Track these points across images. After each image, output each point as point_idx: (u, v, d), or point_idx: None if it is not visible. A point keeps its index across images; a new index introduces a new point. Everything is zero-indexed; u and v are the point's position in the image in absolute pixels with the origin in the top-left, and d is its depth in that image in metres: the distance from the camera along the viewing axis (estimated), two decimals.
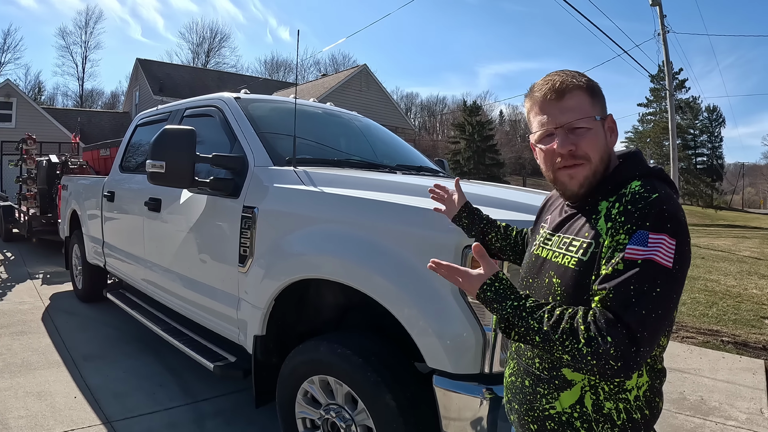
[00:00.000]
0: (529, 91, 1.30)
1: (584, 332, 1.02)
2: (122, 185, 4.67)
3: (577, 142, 1.20)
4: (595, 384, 1.16)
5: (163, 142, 2.83)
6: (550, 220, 1.38)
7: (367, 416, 2.15)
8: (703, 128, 52.10)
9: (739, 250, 13.46)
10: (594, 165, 1.21)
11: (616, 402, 1.16)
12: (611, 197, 1.18)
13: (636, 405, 1.17)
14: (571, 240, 1.21)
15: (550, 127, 1.23)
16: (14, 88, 24.80)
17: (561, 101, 1.22)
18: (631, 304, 1.01)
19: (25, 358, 4.17)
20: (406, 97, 71.73)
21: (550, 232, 1.32)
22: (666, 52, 19.43)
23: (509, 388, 1.32)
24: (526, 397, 1.25)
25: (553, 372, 1.20)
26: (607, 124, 1.26)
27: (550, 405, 1.21)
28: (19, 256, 9.44)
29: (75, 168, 8.52)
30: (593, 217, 1.19)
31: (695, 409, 3.64)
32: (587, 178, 1.22)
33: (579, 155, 1.21)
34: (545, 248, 1.30)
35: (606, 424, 1.16)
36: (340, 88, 27.29)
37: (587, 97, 1.23)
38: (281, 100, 4.08)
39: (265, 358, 2.69)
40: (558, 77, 1.24)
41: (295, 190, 2.65)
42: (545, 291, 1.23)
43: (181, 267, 3.49)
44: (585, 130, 1.21)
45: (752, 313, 6.41)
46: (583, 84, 1.24)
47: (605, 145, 1.24)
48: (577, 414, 1.18)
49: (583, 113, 1.21)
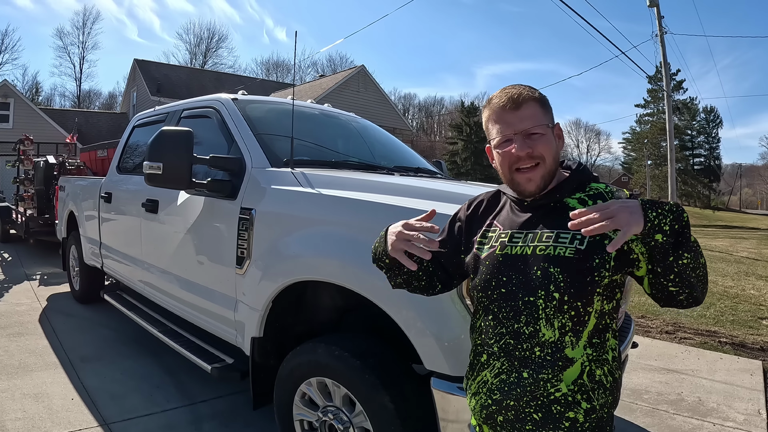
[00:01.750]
0: (487, 102, 1.45)
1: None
2: (119, 186, 4.66)
3: (534, 146, 1.35)
4: (590, 357, 1.30)
5: (161, 144, 2.83)
6: (502, 222, 1.45)
7: (365, 418, 2.15)
8: (700, 129, 52.32)
9: (736, 251, 13.49)
10: (548, 165, 1.37)
11: (602, 366, 1.31)
12: (575, 195, 1.39)
13: (614, 365, 1.34)
14: (557, 233, 1.32)
15: (509, 132, 1.37)
16: (12, 88, 24.77)
17: (518, 111, 1.37)
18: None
19: (22, 359, 4.16)
20: (403, 98, 71.91)
21: (518, 231, 1.39)
22: (663, 53, 19.46)
23: (497, 389, 1.33)
24: (526, 389, 1.29)
25: (556, 354, 1.27)
26: (556, 131, 1.43)
27: (555, 388, 1.28)
28: (16, 257, 9.42)
29: (72, 169, 8.51)
30: (569, 212, 1.27)
31: (693, 410, 3.64)
32: (543, 178, 1.37)
33: (536, 156, 1.36)
34: (516, 246, 1.36)
35: (599, 390, 1.29)
36: (337, 89, 27.27)
37: (540, 108, 1.40)
38: (279, 102, 4.07)
39: (263, 360, 2.69)
40: (515, 90, 1.40)
41: (292, 192, 2.65)
42: (540, 281, 1.29)
43: (179, 268, 3.48)
44: (539, 135, 1.37)
45: (750, 314, 6.42)
46: (537, 96, 1.41)
47: (556, 149, 1.41)
48: (577, 388, 1.28)
49: (538, 121, 1.37)
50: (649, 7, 19.25)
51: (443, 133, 62.43)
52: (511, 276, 1.34)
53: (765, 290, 7.87)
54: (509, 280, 1.34)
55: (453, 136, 45.22)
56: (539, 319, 1.28)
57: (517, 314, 1.31)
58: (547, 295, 1.27)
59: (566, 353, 1.28)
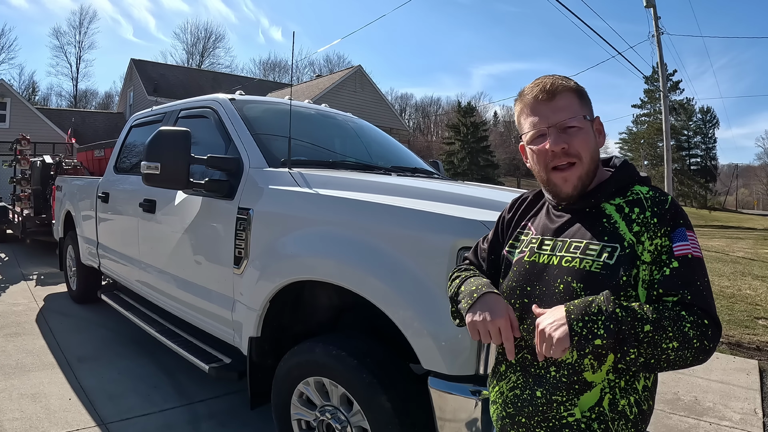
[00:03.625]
0: (519, 95, 1.32)
1: (687, 317, 1.08)
2: (117, 186, 4.65)
3: (570, 141, 1.23)
4: (613, 384, 1.18)
5: (159, 144, 2.83)
6: (536, 224, 1.36)
7: (363, 418, 2.15)
8: (696, 129, 52.44)
9: (732, 251, 13.53)
10: (585, 164, 1.25)
11: (628, 397, 1.19)
12: (614, 200, 1.25)
13: (644, 396, 1.21)
14: (586, 244, 1.21)
15: (542, 126, 1.25)
16: (8, 88, 24.66)
17: (552, 102, 1.25)
18: (703, 295, 1.13)
19: (20, 359, 4.15)
20: (400, 98, 72.00)
21: (549, 238, 1.29)
22: (660, 53, 19.48)
23: (511, 402, 1.28)
24: (538, 409, 1.22)
25: (573, 377, 1.19)
26: (596, 126, 1.30)
27: (568, 412, 1.19)
28: (13, 257, 9.40)
29: (69, 169, 8.49)
30: (604, 220, 1.22)
31: (689, 409, 3.65)
32: (580, 179, 1.25)
33: (571, 153, 1.23)
34: (544, 254, 1.27)
35: (621, 421, 1.18)
36: (334, 89, 27.25)
37: (576, 99, 1.27)
38: (276, 102, 4.08)
39: (260, 360, 2.69)
40: (548, 80, 1.28)
41: (290, 192, 2.65)
42: (561, 296, 1.19)
43: (176, 268, 3.48)
44: (576, 129, 1.24)
45: (746, 313, 6.44)
46: (572, 86, 1.28)
47: (594, 145, 1.28)
48: (594, 416, 1.18)
49: (574, 113, 1.25)
50: (645, 7, 19.28)
51: (440, 134, 62.54)
52: (535, 286, 1.25)
53: (761, 290, 7.90)
54: (533, 291, 1.26)
55: (450, 136, 45.24)
56: None
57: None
58: None
59: (585, 376, 1.18)
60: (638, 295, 1.16)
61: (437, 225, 1.99)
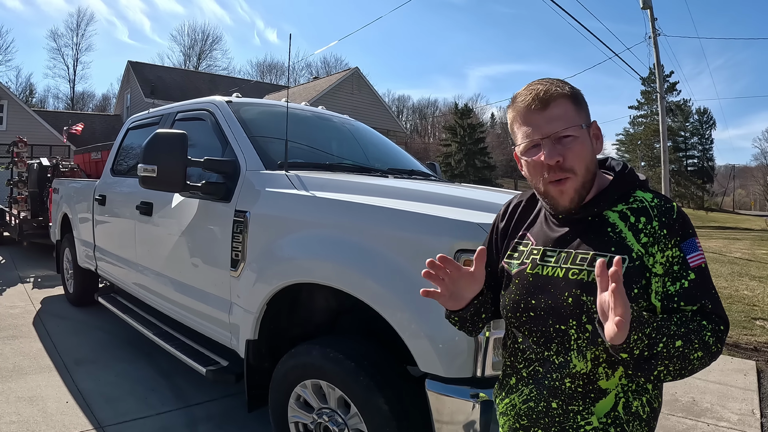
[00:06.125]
0: (512, 101, 1.26)
1: (707, 325, 1.10)
2: (114, 189, 4.65)
3: (564, 153, 1.18)
4: (626, 388, 1.19)
5: (155, 146, 2.83)
6: (535, 234, 1.32)
7: (360, 420, 2.15)
8: (693, 130, 52.60)
9: (730, 252, 13.56)
10: (581, 177, 1.20)
11: (640, 398, 1.20)
12: (616, 206, 1.23)
13: (654, 394, 1.23)
14: (593, 256, 1.17)
15: (536, 137, 1.19)
16: (5, 90, 24.66)
17: (546, 110, 1.19)
18: (719, 302, 1.15)
19: (17, 362, 4.14)
20: (397, 100, 72.25)
21: (551, 249, 1.26)
22: (657, 54, 19.53)
23: (525, 415, 1.26)
24: (554, 420, 1.21)
25: (588, 386, 1.18)
26: (592, 131, 1.25)
27: (585, 421, 1.19)
28: (9, 259, 9.37)
29: (66, 171, 8.47)
30: (609, 230, 1.20)
31: (687, 410, 3.66)
32: (577, 191, 1.21)
33: (566, 168, 1.19)
34: (548, 266, 1.24)
35: (636, 422, 1.19)
36: (331, 91, 27.28)
37: (572, 105, 1.21)
38: (273, 104, 4.08)
39: (258, 363, 2.68)
40: (541, 86, 1.21)
41: (287, 194, 2.65)
42: (572, 309, 1.17)
43: (173, 271, 3.47)
44: (572, 138, 1.18)
45: (743, 314, 6.46)
46: (567, 92, 1.21)
47: (591, 153, 1.22)
48: (610, 420, 1.18)
49: (569, 122, 1.19)
50: (642, 9, 19.33)
51: (437, 135, 62.49)
52: (541, 300, 1.22)
53: (758, 291, 7.92)
54: (538, 304, 1.22)
55: (447, 137, 45.28)
56: (570, 349, 1.18)
57: (548, 342, 1.21)
58: (579, 326, 1.15)
59: (599, 384, 1.18)
60: (651, 307, 1.15)
61: (434, 227, 1.99)
